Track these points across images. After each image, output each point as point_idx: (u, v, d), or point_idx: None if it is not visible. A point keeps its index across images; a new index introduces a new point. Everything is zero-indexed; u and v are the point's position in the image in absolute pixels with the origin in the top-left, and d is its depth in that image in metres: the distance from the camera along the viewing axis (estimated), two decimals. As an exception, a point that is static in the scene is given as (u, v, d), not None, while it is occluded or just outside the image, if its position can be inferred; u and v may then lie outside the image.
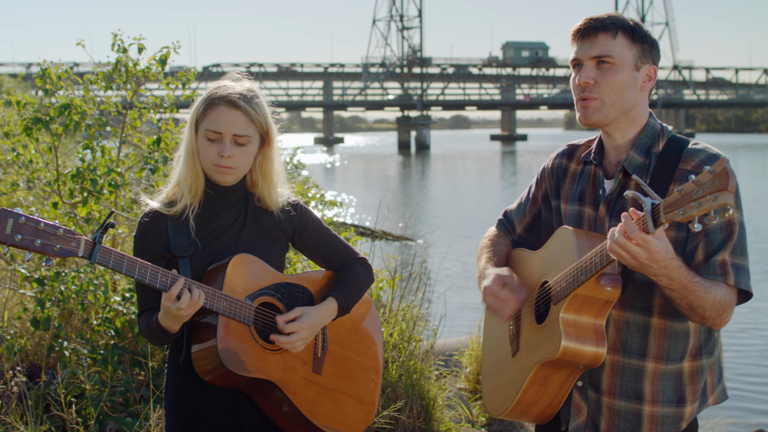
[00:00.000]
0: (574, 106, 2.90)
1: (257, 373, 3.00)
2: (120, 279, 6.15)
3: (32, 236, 2.65)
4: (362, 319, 3.47)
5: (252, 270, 3.10)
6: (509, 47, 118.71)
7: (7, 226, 2.61)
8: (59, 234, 2.69)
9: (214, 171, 3.09)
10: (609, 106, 2.82)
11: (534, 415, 2.99)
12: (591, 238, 2.83)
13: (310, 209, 3.36)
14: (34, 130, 5.85)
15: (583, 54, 2.82)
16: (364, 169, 60.37)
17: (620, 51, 2.79)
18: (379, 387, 3.45)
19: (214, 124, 3.05)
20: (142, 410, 5.04)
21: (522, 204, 3.32)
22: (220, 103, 3.06)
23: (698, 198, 2.26)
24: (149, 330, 3.03)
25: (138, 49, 6.12)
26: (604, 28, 2.79)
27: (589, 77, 2.80)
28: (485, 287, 3.03)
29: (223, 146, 3.05)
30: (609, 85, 2.79)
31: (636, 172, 2.82)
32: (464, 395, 6.84)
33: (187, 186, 3.11)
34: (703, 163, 2.73)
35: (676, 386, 2.83)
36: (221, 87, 3.11)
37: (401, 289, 6.69)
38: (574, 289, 2.72)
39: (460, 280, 13.64)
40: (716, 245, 2.70)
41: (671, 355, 2.81)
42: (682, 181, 2.72)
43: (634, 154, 2.85)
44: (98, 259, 2.75)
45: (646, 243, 2.44)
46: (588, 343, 2.75)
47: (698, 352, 2.85)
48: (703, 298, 2.61)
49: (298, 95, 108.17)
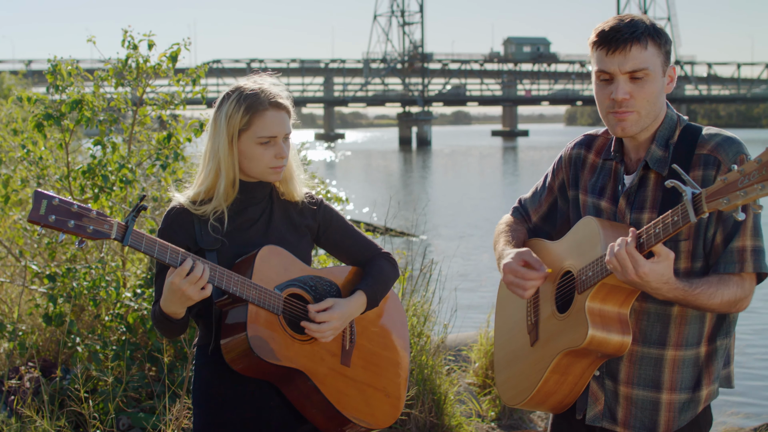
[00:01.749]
0: (603, 116, 2.88)
1: (286, 362, 3.02)
2: (130, 275, 6.17)
3: (66, 217, 2.67)
4: (389, 315, 3.49)
5: (281, 261, 3.12)
6: (511, 43, 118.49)
7: (42, 206, 2.63)
8: (92, 216, 2.71)
9: (270, 173, 3.13)
10: (645, 117, 2.82)
11: (552, 404, 3.02)
12: (616, 228, 2.84)
13: (332, 206, 3.38)
14: (46, 126, 5.85)
15: (616, 68, 2.75)
16: (365, 165, 60.35)
17: (653, 60, 2.76)
18: (406, 382, 3.46)
19: (267, 129, 3.07)
20: (157, 405, 5.05)
21: (537, 192, 3.32)
22: (266, 108, 3.07)
23: (744, 187, 2.29)
24: (155, 318, 3.04)
25: (148, 45, 6.12)
26: (635, 39, 2.72)
27: (626, 92, 2.76)
28: (505, 264, 3.03)
29: (280, 148, 3.10)
30: (645, 98, 2.78)
31: (656, 166, 2.84)
32: (473, 390, 6.86)
33: (220, 194, 3.11)
34: (717, 146, 2.76)
35: (693, 371, 2.86)
36: (256, 91, 3.10)
37: (411, 285, 6.71)
38: (602, 278, 2.73)
39: (469, 275, 13.65)
40: (731, 229, 2.74)
41: (690, 340, 2.85)
42: (700, 166, 2.76)
43: (655, 149, 2.86)
44: (130, 242, 2.76)
45: (636, 263, 2.56)
46: (614, 332, 2.77)
47: (714, 335, 2.88)
48: (707, 303, 2.69)
49: (298, 91, 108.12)
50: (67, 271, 5.63)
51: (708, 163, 2.75)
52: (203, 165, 3.17)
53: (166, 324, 3.01)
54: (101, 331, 5.69)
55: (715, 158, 2.75)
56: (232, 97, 3.09)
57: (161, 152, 6.03)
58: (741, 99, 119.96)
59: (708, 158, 2.76)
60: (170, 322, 2.99)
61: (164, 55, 6.06)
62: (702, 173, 2.76)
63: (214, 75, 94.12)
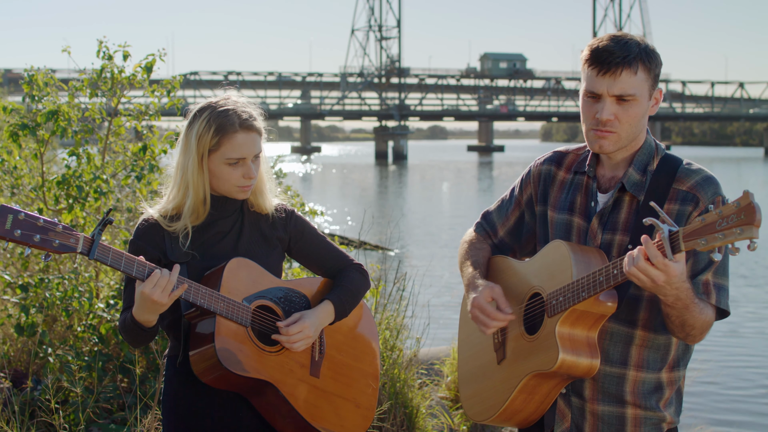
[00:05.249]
0: (585, 131, 2.90)
1: (255, 374, 3.03)
2: (103, 286, 6.15)
3: (31, 232, 2.68)
4: (359, 326, 3.50)
5: (249, 274, 3.13)
6: (487, 58, 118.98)
7: (7, 221, 2.65)
8: (58, 230, 2.73)
9: (238, 191, 3.14)
10: (624, 138, 2.85)
11: (518, 420, 3.05)
12: (586, 252, 2.87)
13: (304, 217, 3.39)
14: (21, 135, 5.84)
15: (604, 90, 2.78)
16: (342, 179, 60.33)
17: (641, 86, 2.79)
18: (376, 393, 3.48)
19: (236, 152, 3.07)
20: (128, 417, 5.04)
21: (504, 206, 3.31)
22: (236, 130, 3.06)
23: (723, 230, 2.33)
24: (125, 326, 3.03)
25: (123, 56, 6.13)
26: (626, 63, 2.74)
27: (611, 114, 2.80)
28: (474, 299, 3.05)
29: (248, 168, 3.10)
30: (628, 121, 2.81)
31: (633, 190, 2.87)
32: (445, 404, 6.88)
33: (189, 213, 3.13)
34: (697, 185, 2.81)
35: (656, 392, 2.91)
36: (228, 112, 3.08)
37: (384, 298, 6.73)
38: (574, 304, 2.76)
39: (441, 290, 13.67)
40: (702, 265, 2.78)
41: (651, 364, 2.90)
42: (677, 201, 2.81)
43: (632, 172, 2.90)
44: (97, 255, 2.77)
45: (667, 268, 2.51)
46: (583, 356, 2.81)
47: (676, 364, 2.94)
48: (696, 318, 2.71)
49: (275, 104, 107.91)
50: (39, 281, 5.61)
51: (686, 200, 2.80)
52: (173, 180, 3.17)
53: (136, 332, 3.01)
54: (73, 341, 5.68)
55: (694, 195, 2.79)
56: (203, 115, 3.08)
57: (136, 163, 6.03)
58: (715, 117, 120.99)
59: (687, 195, 2.80)
60: (141, 330, 2.99)
61: (139, 66, 6.07)
62: (678, 208, 2.80)
63: (192, 87, 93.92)
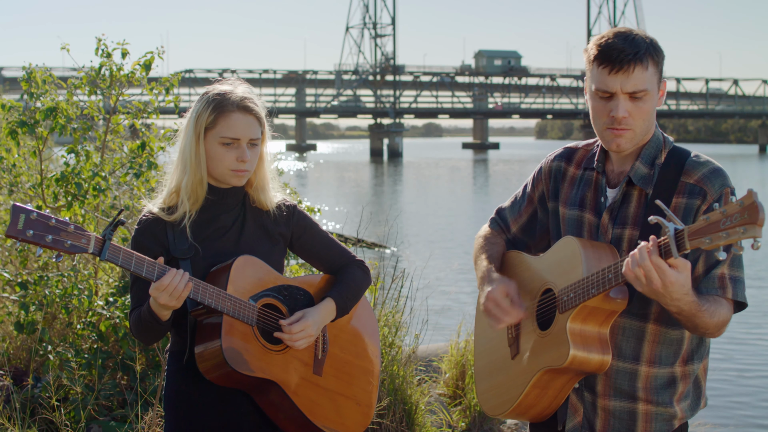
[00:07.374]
0: (599, 131, 2.89)
1: (260, 373, 3.04)
2: (102, 284, 6.16)
3: (44, 232, 2.68)
4: (361, 323, 3.51)
5: (255, 272, 3.14)
6: (482, 56, 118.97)
7: (20, 221, 2.64)
8: (70, 230, 2.73)
9: (231, 175, 3.12)
10: (639, 134, 2.85)
11: (532, 415, 3.06)
12: (597, 248, 2.87)
13: (306, 213, 3.39)
14: (20, 133, 5.84)
15: (618, 87, 2.77)
16: (338, 177, 60.31)
17: (651, 81, 2.79)
18: (376, 390, 3.49)
19: (230, 130, 3.07)
20: (129, 414, 5.04)
21: (517, 202, 3.33)
22: (233, 110, 3.08)
23: (726, 228, 2.33)
24: (139, 321, 3.04)
25: (122, 53, 6.13)
26: (638, 60, 2.74)
27: (626, 111, 2.79)
28: (489, 292, 3.05)
29: (242, 151, 3.09)
30: (642, 117, 2.82)
31: (641, 183, 2.88)
32: (444, 401, 6.89)
33: (187, 194, 3.13)
34: (704, 177, 2.80)
35: (669, 387, 2.90)
36: (226, 93, 3.12)
37: (383, 295, 6.74)
38: (584, 301, 2.77)
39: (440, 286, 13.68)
40: (715, 261, 2.77)
41: (664, 359, 2.89)
42: (685, 194, 2.81)
43: (640, 165, 2.90)
44: (108, 256, 2.78)
45: (663, 273, 2.51)
46: (594, 352, 2.81)
47: (690, 357, 2.93)
48: (707, 322, 2.70)
49: (270, 102, 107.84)
50: (39, 279, 5.61)
51: (693, 193, 2.79)
52: (174, 165, 3.20)
53: (152, 326, 3.02)
54: (73, 339, 5.68)
55: (701, 189, 2.78)
56: (204, 96, 3.13)
57: (134, 161, 6.03)
58: (709, 114, 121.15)
59: (694, 188, 2.79)
60: (157, 323, 3.00)
61: (138, 63, 6.07)
62: (686, 201, 2.80)
63: (187, 84, 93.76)
